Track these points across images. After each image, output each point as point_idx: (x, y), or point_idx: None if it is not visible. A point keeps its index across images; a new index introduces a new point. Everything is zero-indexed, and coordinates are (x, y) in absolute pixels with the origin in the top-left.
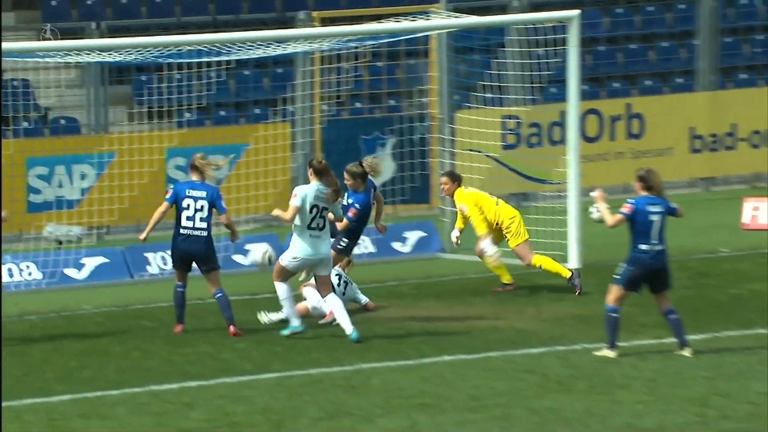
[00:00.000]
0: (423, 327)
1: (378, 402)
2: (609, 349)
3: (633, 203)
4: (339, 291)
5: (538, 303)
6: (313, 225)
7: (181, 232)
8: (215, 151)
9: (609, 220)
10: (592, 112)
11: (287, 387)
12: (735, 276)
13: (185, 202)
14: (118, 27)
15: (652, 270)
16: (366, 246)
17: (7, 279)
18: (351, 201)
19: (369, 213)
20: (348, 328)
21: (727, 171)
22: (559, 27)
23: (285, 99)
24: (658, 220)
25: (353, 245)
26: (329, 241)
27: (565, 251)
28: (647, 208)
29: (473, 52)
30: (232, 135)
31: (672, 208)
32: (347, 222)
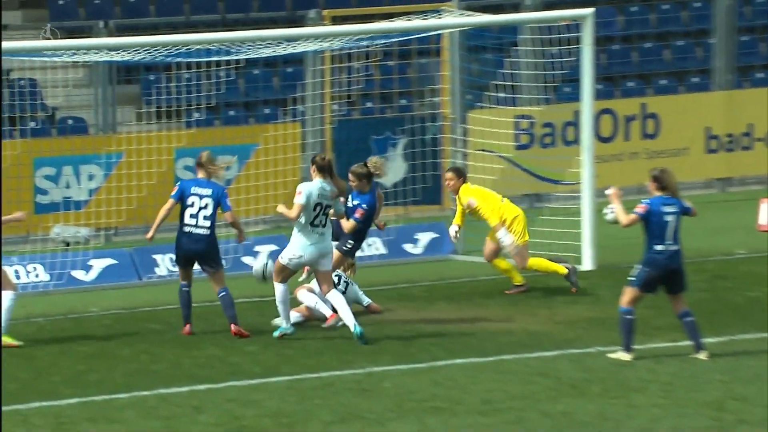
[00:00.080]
0: (435, 329)
1: (389, 405)
2: (624, 352)
3: (648, 203)
4: (339, 290)
5: (551, 305)
6: (316, 222)
7: (185, 230)
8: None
9: (623, 219)
10: (606, 111)
11: (298, 390)
12: (752, 278)
13: (190, 199)
14: (126, 26)
15: (668, 271)
16: (377, 247)
17: (14, 281)
18: (357, 202)
19: (374, 214)
20: (351, 324)
21: (744, 171)
22: (573, 25)
23: (295, 99)
24: (672, 220)
25: (358, 247)
26: (330, 237)
27: (579, 253)
28: (662, 208)
29: (486, 50)
30: (241, 135)
31: (686, 207)
32: (354, 223)
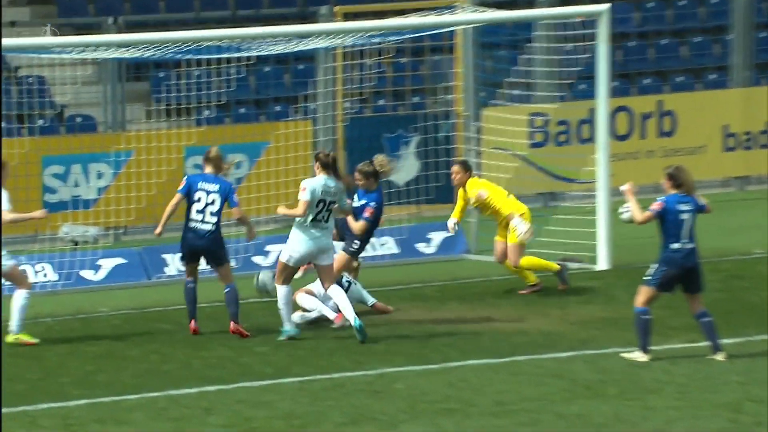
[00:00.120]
0: (447, 330)
1: (402, 407)
2: (641, 353)
3: (663, 201)
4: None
5: (565, 305)
6: (318, 218)
7: (190, 225)
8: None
9: (638, 216)
10: (622, 109)
11: (309, 391)
12: None
13: (197, 194)
14: (135, 22)
15: (684, 269)
16: (389, 247)
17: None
18: (364, 201)
19: (382, 213)
20: (351, 317)
21: (762, 170)
22: (589, 22)
23: (306, 96)
24: (688, 218)
25: (365, 246)
26: (331, 233)
27: (594, 252)
28: (678, 206)
29: (500, 47)
30: (252, 133)
31: (701, 205)
32: (365, 223)
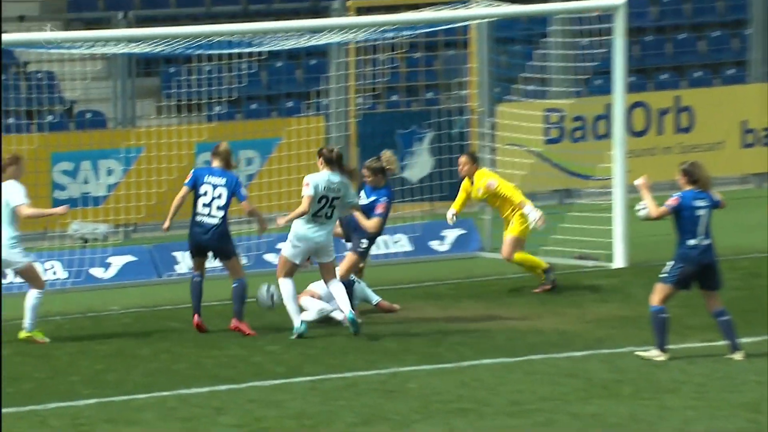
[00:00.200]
0: (461, 329)
1: (415, 407)
2: (658, 352)
3: (680, 197)
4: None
5: (581, 304)
6: (320, 214)
7: (197, 219)
8: (246, 146)
9: (653, 210)
10: (638, 105)
11: (321, 391)
12: None
13: (203, 188)
14: (145, 17)
15: (701, 266)
16: (402, 244)
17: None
18: (374, 198)
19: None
20: (346, 310)
21: None
22: (605, 16)
23: (318, 92)
24: (705, 214)
25: (372, 245)
26: (332, 229)
27: (610, 250)
28: (694, 202)
29: (515, 42)
30: (263, 129)
31: (716, 200)
32: (379, 219)
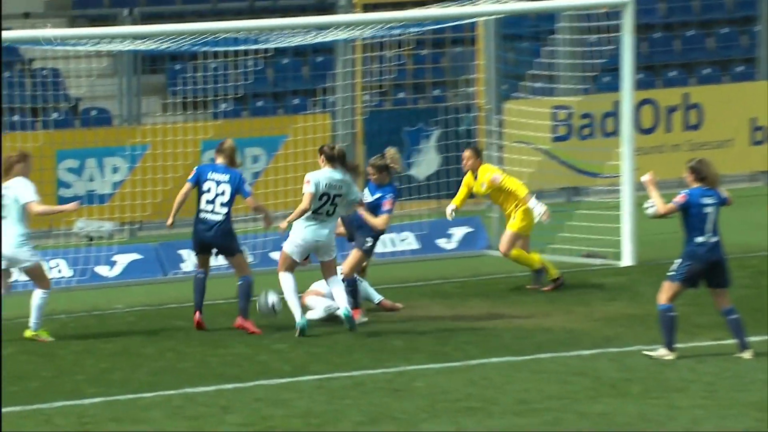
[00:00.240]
0: (469, 327)
1: (422, 406)
2: (666, 350)
3: (687, 194)
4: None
5: (589, 302)
6: (321, 211)
7: (200, 216)
8: (253, 143)
9: (660, 207)
10: (647, 102)
11: (328, 390)
12: None
13: (206, 185)
14: (151, 14)
15: (709, 263)
16: (409, 242)
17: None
18: (379, 195)
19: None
20: (342, 306)
21: None
22: (613, 13)
23: (325, 89)
24: (712, 211)
25: (376, 243)
26: (334, 227)
27: (618, 248)
28: (701, 199)
29: (522, 39)
30: (269, 126)
31: (724, 198)
32: (387, 216)
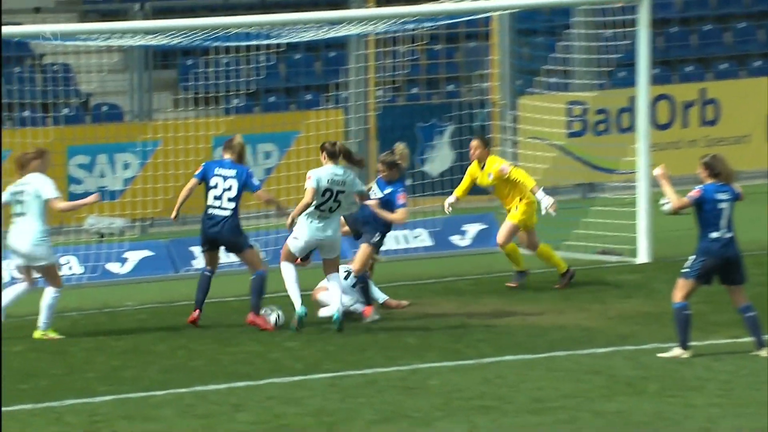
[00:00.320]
0: (483, 325)
1: (436, 404)
2: (680, 349)
3: (702, 189)
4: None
5: (604, 299)
6: (324, 207)
7: (208, 212)
8: (265, 139)
9: (674, 201)
10: (663, 97)
11: (340, 388)
12: None
13: (213, 180)
14: (162, 8)
15: (724, 259)
16: (423, 239)
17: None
18: (389, 190)
19: None
20: (335, 308)
21: None
22: (629, 7)
23: (338, 84)
24: (727, 207)
25: (384, 238)
26: (338, 225)
27: (634, 245)
28: (716, 195)
29: (537, 34)
30: (281, 122)
31: (737, 193)
32: (404, 210)
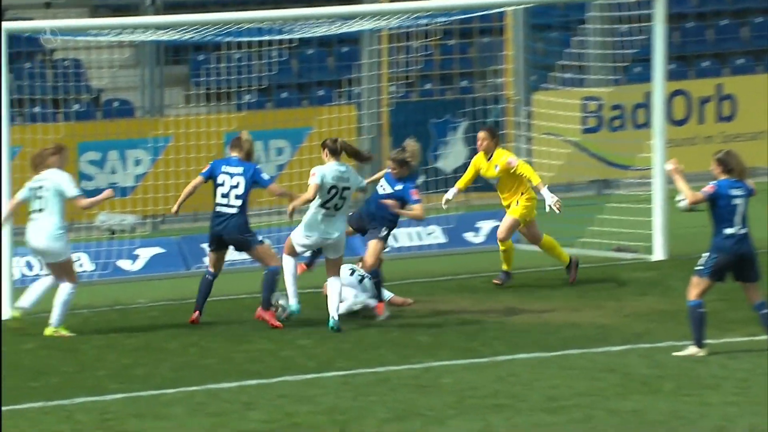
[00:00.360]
0: (496, 322)
1: (450, 402)
2: (695, 348)
3: (716, 185)
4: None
5: (619, 297)
6: (329, 205)
7: (216, 210)
8: (277, 135)
9: (689, 195)
10: (679, 93)
11: (353, 386)
12: None
13: (220, 178)
14: (173, 3)
15: (737, 256)
16: (436, 236)
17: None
18: (400, 187)
19: None
20: (332, 313)
21: None
22: (644, 2)
23: (350, 80)
24: (741, 203)
25: (390, 232)
26: (344, 225)
27: (650, 242)
28: (730, 191)
29: (552, 29)
30: (294, 118)
31: (751, 189)
32: (420, 204)
